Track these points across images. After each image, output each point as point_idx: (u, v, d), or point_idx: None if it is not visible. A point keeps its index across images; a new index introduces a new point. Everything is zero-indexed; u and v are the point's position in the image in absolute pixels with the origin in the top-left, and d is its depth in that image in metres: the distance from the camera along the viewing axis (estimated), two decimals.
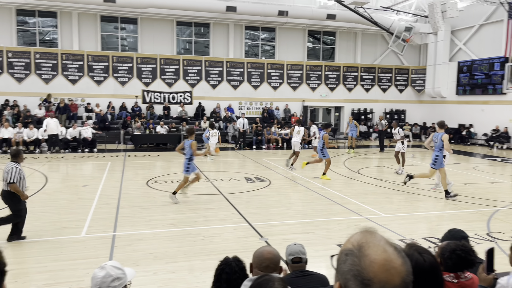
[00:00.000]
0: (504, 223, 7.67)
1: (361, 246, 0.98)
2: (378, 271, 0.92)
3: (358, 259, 0.96)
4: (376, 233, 1.04)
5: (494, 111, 21.49)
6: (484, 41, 22.23)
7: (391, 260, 0.94)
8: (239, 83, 23.65)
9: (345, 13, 22.16)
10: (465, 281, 2.35)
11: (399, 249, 0.99)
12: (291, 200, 9.43)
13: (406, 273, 0.94)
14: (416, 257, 1.79)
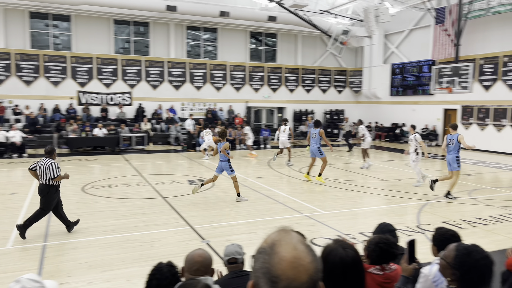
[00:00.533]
0: (432, 215, 8.20)
1: (273, 245, 1.00)
2: (286, 269, 0.93)
3: (269, 257, 0.97)
4: (291, 232, 1.06)
5: (423, 111, 22.97)
6: (414, 45, 23.69)
7: (300, 258, 0.95)
8: (181, 83, 23.28)
9: (285, 15, 22.59)
10: (389, 273, 2.45)
11: (311, 248, 1.01)
12: (234, 201, 9.41)
13: (315, 270, 0.95)
14: (340, 252, 1.84)
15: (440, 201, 9.49)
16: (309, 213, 8.29)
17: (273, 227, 4.49)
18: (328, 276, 1.82)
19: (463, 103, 20.57)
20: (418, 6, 21.30)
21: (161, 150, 19.31)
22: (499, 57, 18.88)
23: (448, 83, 16.94)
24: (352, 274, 1.83)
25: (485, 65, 19.53)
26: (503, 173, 13.69)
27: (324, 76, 27.09)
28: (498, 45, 18.88)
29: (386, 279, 2.45)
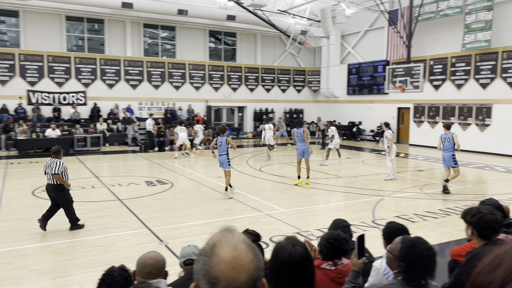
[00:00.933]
0: (387, 210, 8.49)
1: (213, 246, 0.99)
2: (225, 269, 0.92)
3: (208, 258, 0.96)
4: (234, 231, 1.06)
5: (379, 109, 23.76)
6: (369, 46, 24.44)
7: (239, 258, 0.95)
8: (139, 82, 22.74)
9: (244, 15, 22.62)
10: (342, 268, 2.52)
11: (253, 247, 1.00)
12: (194, 202, 9.31)
13: (255, 269, 0.95)
14: (289, 249, 1.88)
15: (394, 196, 9.85)
16: (269, 211, 8.35)
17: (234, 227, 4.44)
18: (278, 272, 1.86)
19: (415, 102, 21.47)
20: (372, 8, 21.98)
21: (118, 151, 18.78)
22: (447, 58, 19.85)
23: (401, 82, 17.62)
24: (300, 271, 1.86)
25: (435, 65, 20.48)
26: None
27: (283, 76, 27.39)
28: (447, 46, 19.85)
29: (338, 274, 2.51)
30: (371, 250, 4.15)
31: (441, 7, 19.18)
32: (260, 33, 26.17)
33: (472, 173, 13.49)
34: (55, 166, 6.93)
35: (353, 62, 25.51)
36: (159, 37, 23.97)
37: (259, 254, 0.99)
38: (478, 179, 12.48)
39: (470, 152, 18.34)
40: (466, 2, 18.11)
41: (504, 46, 17.38)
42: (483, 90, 18.38)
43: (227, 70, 25.27)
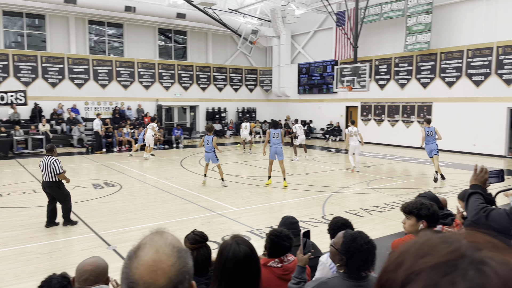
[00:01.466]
0: (336, 206, 8.74)
1: (137, 249, 0.98)
2: (144, 273, 0.91)
3: (130, 261, 0.95)
4: (164, 234, 1.04)
5: (328, 108, 24.42)
6: (318, 46, 25.04)
7: (159, 261, 0.93)
8: (84, 81, 21.80)
9: (195, 13, 22.36)
10: (288, 264, 2.55)
11: (179, 249, 0.99)
12: (144, 204, 9.07)
13: (176, 273, 0.94)
14: (234, 248, 1.88)
15: (342, 192, 10.16)
16: (221, 211, 8.32)
17: (185, 228, 4.40)
18: (222, 271, 1.86)
19: (362, 101, 22.28)
20: (320, 9, 22.52)
21: (62, 153, 17.89)
22: (391, 58, 20.78)
23: (348, 82, 18.21)
24: (245, 270, 1.87)
25: (380, 65, 21.37)
26: (397, 164, 15.11)
27: (235, 75, 27.39)
28: (391, 47, 20.77)
29: (285, 271, 2.55)
30: (321, 245, 4.25)
31: (385, 10, 20.04)
32: (211, 32, 26.00)
33: (415, 168, 14.22)
34: (55, 166, 7.01)
35: (303, 62, 26.02)
36: (105, 34, 23.12)
37: (184, 257, 0.98)
38: (421, 174, 13.18)
39: (413, 148, 19.32)
40: (408, 6, 19.04)
41: (442, 47, 18.47)
42: (424, 89, 19.42)
43: (178, 68, 24.87)
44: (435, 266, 0.56)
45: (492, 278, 0.54)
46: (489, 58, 16.84)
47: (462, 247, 0.59)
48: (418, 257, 0.59)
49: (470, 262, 0.56)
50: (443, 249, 0.59)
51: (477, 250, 0.58)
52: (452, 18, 18.10)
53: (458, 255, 0.57)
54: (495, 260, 0.56)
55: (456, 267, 0.56)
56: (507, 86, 16.31)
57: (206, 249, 2.47)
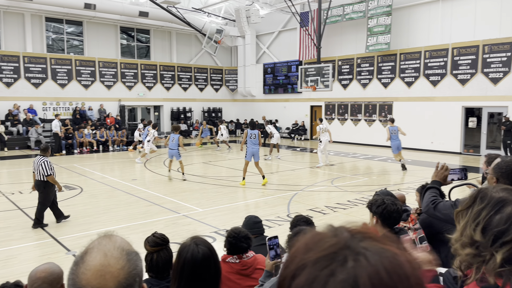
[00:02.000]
0: (301, 204, 8.85)
1: (85, 253, 0.95)
2: (91, 278, 0.89)
3: (76, 267, 0.92)
4: (112, 237, 1.02)
5: (293, 108, 24.69)
6: (283, 46, 25.26)
7: (108, 265, 0.91)
8: (42, 81, 20.95)
9: (158, 12, 21.98)
10: (246, 260, 2.59)
11: (128, 252, 0.97)
12: (106, 207, 8.83)
13: (125, 276, 0.93)
14: (193, 248, 1.88)
15: (307, 190, 10.30)
16: (186, 212, 8.23)
17: (148, 230, 4.28)
18: (180, 272, 1.85)
19: (326, 100, 22.68)
20: (285, 10, 22.72)
21: (18, 156, 17.14)
22: (354, 58, 21.27)
23: (312, 82, 18.48)
24: (203, 271, 1.87)
25: (343, 66, 21.83)
26: (359, 162, 15.48)
27: (200, 75, 27.16)
28: (353, 48, 21.26)
29: (243, 266, 2.60)
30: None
31: (347, 11, 20.48)
32: (175, 31, 25.66)
33: (377, 165, 14.62)
34: (43, 167, 7.08)
35: (268, 62, 26.17)
36: (64, 32, 22.32)
37: (134, 260, 0.96)
38: (382, 171, 13.57)
39: (375, 146, 19.87)
40: (368, 7, 19.55)
41: (402, 48, 19.10)
42: (384, 88, 20.01)
43: (141, 68, 24.37)
44: (317, 260, 0.59)
45: (365, 266, 0.57)
46: (444, 59, 17.57)
47: (343, 239, 0.62)
48: (304, 253, 0.62)
49: (350, 253, 0.59)
50: (325, 243, 0.62)
51: (358, 240, 0.61)
52: (411, 20, 18.76)
53: (340, 247, 0.60)
54: (371, 249, 0.59)
55: (335, 259, 0.58)
56: (462, 86, 17.09)
57: (166, 252, 2.44)
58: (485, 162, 3.33)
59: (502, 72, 15.90)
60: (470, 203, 1.34)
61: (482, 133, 16.88)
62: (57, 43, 22.22)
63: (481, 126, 16.91)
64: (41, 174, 7.13)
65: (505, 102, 15.83)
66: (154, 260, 2.41)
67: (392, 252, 0.60)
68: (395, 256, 0.60)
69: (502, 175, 2.28)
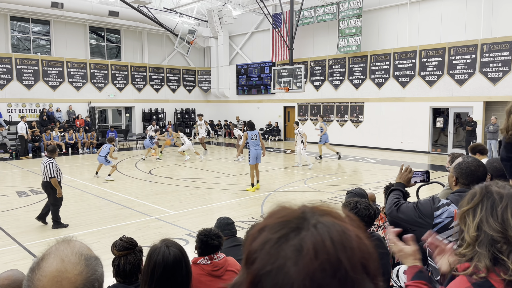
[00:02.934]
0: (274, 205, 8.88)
1: (41, 259, 0.94)
2: (47, 284, 0.88)
3: (32, 273, 0.91)
4: (71, 242, 1.01)
5: (267, 109, 24.78)
6: (256, 47, 25.33)
7: (65, 271, 0.90)
8: (6, 81, 20.19)
9: (128, 11, 21.60)
10: (217, 261, 2.59)
11: (86, 258, 0.96)
12: (76, 211, 8.59)
13: (83, 281, 0.92)
14: (163, 251, 1.88)
15: (281, 190, 10.35)
16: (158, 215, 8.11)
17: (119, 234, 4.15)
18: (151, 275, 1.84)
19: (299, 101, 22.89)
20: (257, 11, 22.79)
21: None
22: (325, 60, 21.56)
23: (285, 83, 18.60)
24: (174, 273, 1.86)
25: (315, 67, 22.09)
26: (332, 162, 15.69)
27: (173, 75, 26.86)
28: (325, 49, 21.55)
29: (214, 267, 2.60)
30: None
31: (319, 13, 20.75)
32: (147, 31, 25.29)
33: (348, 165, 14.86)
34: (48, 169, 7.17)
35: (241, 63, 26.17)
36: (30, 31, 21.61)
37: (92, 265, 0.95)
38: (354, 170, 13.80)
39: (347, 146, 20.20)
40: (340, 10, 19.87)
41: (372, 50, 19.50)
42: (356, 90, 20.38)
43: (111, 68, 23.88)
44: (273, 226, 0.65)
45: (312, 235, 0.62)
46: (413, 60, 18.06)
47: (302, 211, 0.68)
48: (266, 218, 0.69)
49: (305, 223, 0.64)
50: (285, 212, 0.68)
51: (317, 215, 0.66)
52: (380, 22, 19.19)
53: (296, 216, 0.66)
54: (323, 222, 0.64)
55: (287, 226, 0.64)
56: (429, 87, 17.61)
57: (134, 256, 2.39)
58: (449, 161, 3.44)
59: (467, 73, 16.49)
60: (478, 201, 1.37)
61: (449, 133, 17.45)
62: (23, 42, 21.50)
63: (448, 126, 17.48)
64: (47, 175, 7.22)
65: (470, 102, 16.43)
66: (121, 264, 2.37)
67: (343, 227, 0.64)
68: (345, 230, 0.64)
69: (461, 175, 2.35)
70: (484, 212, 1.33)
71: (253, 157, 10.10)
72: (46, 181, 7.31)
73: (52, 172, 7.20)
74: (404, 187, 2.55)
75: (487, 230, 1.30)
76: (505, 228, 1.27)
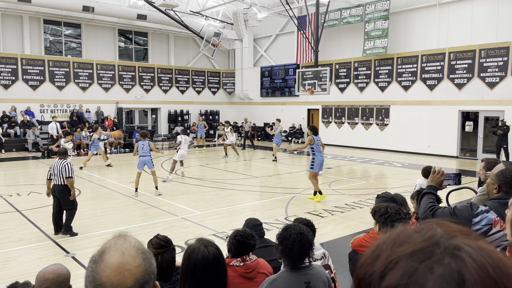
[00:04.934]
0: (299, 207, 8.89)
1: (102, 252, 1.01)
2: (111, 275, 0.95)
3: (96, 265, 0.98)
4: (127, 237, 1.08)
5: (290, 111, 24.76)
6: (281, 49, 25.36)
7: (126, 263, 0.97)
8: (39, 83, 20.93)
9: (156, 14, 22.03)
10: (250, 263, 2.62)
11: (144, 251, 1.03)
12: (105, 209, 8.83)
13: (142, 273, 0.98)
14: (202, 250, 1.92)
15: (305, 193, 10.34)
16: (184, 215, 8.24)
17: (147, 233, 4.33)
18: (191, 274, 1.89)
19: (323, 104, 22.76)
20: (282, 13, 22.82)
21: (16, 158, 17.11)
22: (351, 62, 21.38)
23: (310, 85, 18.54)
24: (214, 271, 1.91)
25: (340, 69, 21.93)
26: (356, 165, 15.54)
27: (198, 77, 27.20)
28: (350, 51, 21.37)
29: (247, 269, 2.61)
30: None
31: (344, 15, 20.60)
32: (173, 34, 25.71)
33: (373, 169, 14.68)
34: (66, 168, 6.95)
35: (265, 65, 26.24)
36: (62, 34, 22.32)
37: (149, 258, 1.02)
38: (379, 174, 13.63)
39: (372, 149, 19.95)
40: (366, 12, 19.68)
41: (399, 52, 19.21)
42: (381, 92, 20.11)
43: (138, 70, 24.39)
44: (412, 254, 0.57)
45: (468, 262, 0.55)
46: (441, 63, 17.69)
47: (436, 235, 0.60)
48: (395, 247, 0.60)
49: (445, 249, 0.57)
50: (418, 237, 0.60)
51: (451, 237, 0.59)
52: (408, 24, 18.89)
53: (433, 242, 0.59)
54: (470, 246, 0.58)
55: (432, 253, 0.57)
56: (458, 90, 17.21)
57: (170, 254, 2.47)
58: (483, 167, 3.35)
59: (498, 76, 16.03)
60: None
61: (479, 137, 16.99)
62: (55, 45, 22.22)
63: (477, 130, 17.02)
64: (63, 176, 6.88)
65: (502, 106, 15.96)
66: (158, 262, 2.44)
67: (490, 250, 0.58)
68: (493, 253, 0.57)
69: (505, 183, 2.27)
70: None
71: (317, 164, 9.24)
72: (61, 184, 6.93)
73: (70, 172, 6.94)
74: (436, 190, 2.50)
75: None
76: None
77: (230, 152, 18.15)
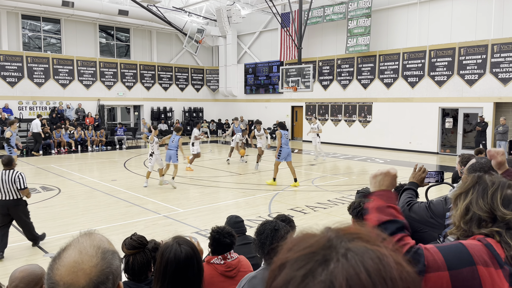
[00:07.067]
0: (282, 204, 8.91)
1: (63, 250, 1.00)
2: (64, 274, 0.94)
3: (53, 262, 0.97)
4: (92, 235, 1.06)
5: (274, 108, 24.78)
6: (264, 46, 25.33)
7: (81, 262, 0.96)
8: (17, 79, 20.44)
9: (138, 10, 21.74)
10: (231, 261, 2.60)
11: (103, 251, 1.01)
12: (86, 208, 8.69)
13: (98, 273, 0.97)
14: (175, 248, 1.90)
15: (288, 190, 10.37)
16: (167, 213, 8.18)
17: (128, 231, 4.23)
18: (163, 273, 1.87)
19: (307, 101, 22.86)
20: (266, 10, 22.79)
21: None
22: (334, 59, 21.50)
23: (293, 82, 18.59)
24: (186, 270, 1.89)
25: (323, 66, 22.04)
26: (340, 162, 15.67)
27: (181, 74, 26.97)
28: (333, 49, 21.49)
29: (227, 267, 2.60)
30: None
31: (327, 13, 20.70)
32: (156, 30, 25.41)
33: (356, 165, 14.83)
34: (20, 179, 5.97)
35: (249, 62, 26.19)
36: (41, 30, 21.83)
37: (108, 258, 1.00)
38: (362, 171, 13.77)
39: (355, 146, 20.14)
40: (349, 9, 19.80)
41: (381, 50, 19.41)
42: (364, 89, 20.30)
43: (120, 67, 24.04)
44: (295, 260, 0.57)
45: (344, 268, 0.54)
46: (422, 60, 17.95)
47: (326, 238, 0.59)
48: (285, 252, 0.60)
49: (332, 253, 0.56)
50: (306, 242, 0.59)
51: (346, 241, 0.58)
52: (389, 22, 19.09)
53: (321, 246, 0.57)
54: (354, 250, 0.56)
55: (312, 259, 0.56)
56: (439, 87, 17.49)
57: (143, 255, 2.42)
58: (459, 162, 3.43)
59: (477, 74, 16.35)
60: (470, 186, 1.49)
61: (458, 134, 17.32)
62: (34, 41, 21.73)
63: (457, 126, 17.35)
64: (16, 189, 5.96)
65: (480, 103, 16.29)
66: (130, 263, 2.41)
67: (379, 253, 0.55)
68: (381, 257, 0.55)
69: None
70: (475, 194, 1.45)
71: (283, 155, 10.74)
72: (13, 199, 5.98)
73: (24, 182, 6.01)
74: (417, 187, 2.54)
75: (475, 211, 1.42)
76: (493, 208, 1.39)
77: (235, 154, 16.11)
